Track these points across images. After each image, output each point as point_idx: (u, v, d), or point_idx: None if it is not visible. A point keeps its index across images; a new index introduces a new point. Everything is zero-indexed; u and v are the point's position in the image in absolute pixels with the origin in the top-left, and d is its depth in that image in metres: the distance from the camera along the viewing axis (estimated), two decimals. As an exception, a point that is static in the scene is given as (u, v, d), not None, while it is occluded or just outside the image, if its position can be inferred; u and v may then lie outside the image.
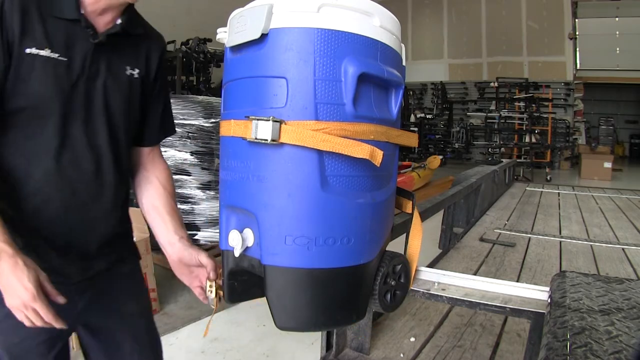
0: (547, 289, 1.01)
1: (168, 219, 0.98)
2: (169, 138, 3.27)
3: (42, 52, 0.77)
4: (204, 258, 0.93)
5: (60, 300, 0.73)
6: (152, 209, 1.00)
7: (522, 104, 9.74)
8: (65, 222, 0.85)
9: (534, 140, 9.07)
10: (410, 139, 0.90)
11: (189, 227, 3.03)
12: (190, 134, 3.10)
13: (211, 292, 0.91)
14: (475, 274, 1.98)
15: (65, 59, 0.80)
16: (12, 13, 0.74)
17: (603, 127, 12.74)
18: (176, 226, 0.98)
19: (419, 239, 1.01)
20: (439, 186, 5.79)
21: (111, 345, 0.99)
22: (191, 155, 3.11)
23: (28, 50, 0.76)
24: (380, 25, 0.78)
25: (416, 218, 1.02)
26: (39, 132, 0.80)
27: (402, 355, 1.44)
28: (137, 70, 0.92)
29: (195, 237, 3.06)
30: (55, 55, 0.78)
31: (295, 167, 0.73)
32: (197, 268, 0.95)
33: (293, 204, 0.74)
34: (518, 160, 8.04)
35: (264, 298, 0.79)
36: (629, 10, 11.16)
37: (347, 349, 1.43)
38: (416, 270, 1.10)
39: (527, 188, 4.66)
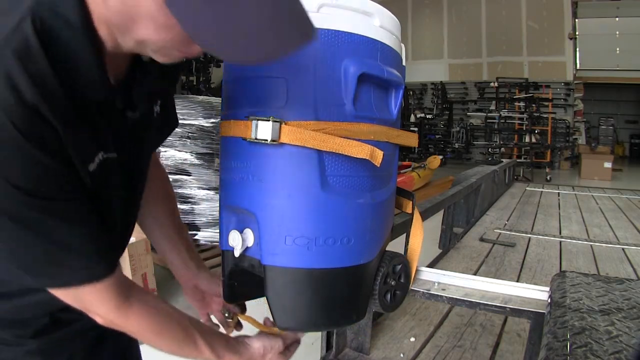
0: (547, 289, 1.01)
1: (178, 240, 0.89)
2: (169, 138, 3.28)
3: (99, 157, 0.57)
4: None
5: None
6: (157, 228, 0.89)
7: (522, 104, 9.73)
8: None
9: (534, 140, 9.06)
10: (410, 139, 0.90)
11: (189, 228, 3.03)
12: (190, 134, 3.09)
13: (229, 318, 0.93)
14: (475, 274, 1.98)
15: (115, 154, 0.60)
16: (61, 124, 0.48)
17: (603, 127, 12.71)
18: (189, 250, 0.91)
19: (419, 239, 1.01)
20: (439, 186, 5.79)
21: None
22: (191, 155, 3.11)
23: (92, 167, 0.55)
24: (380, 25, 0.77)
25: (416, 218, 1.01)
26: None
27: (402, 355, 1.44)
28: (159, 102, 0.71)
29: (196, 237, 3.06)
30: (106, 155, 0.58)
31: (295, 167, 0.73)
32: (211, 296, 0.93)
33: (293, 204, 0.73)
34: (518, 160, 8.03)
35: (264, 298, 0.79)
36: (629, 10, 11.15)
37: (347, 349, 1.43)
38: (416, 270, 1.10)
39: (527, 188, 4.65)
